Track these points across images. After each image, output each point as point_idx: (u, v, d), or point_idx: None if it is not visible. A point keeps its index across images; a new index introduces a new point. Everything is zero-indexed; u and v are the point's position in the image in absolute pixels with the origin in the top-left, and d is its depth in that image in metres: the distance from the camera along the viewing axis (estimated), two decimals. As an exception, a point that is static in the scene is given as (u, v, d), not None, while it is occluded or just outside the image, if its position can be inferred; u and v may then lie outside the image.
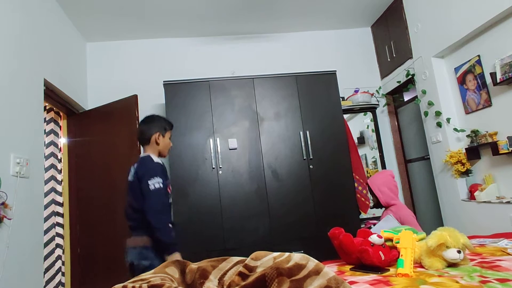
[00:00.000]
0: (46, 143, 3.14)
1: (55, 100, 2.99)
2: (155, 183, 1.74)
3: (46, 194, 3.04)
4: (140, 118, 3.08)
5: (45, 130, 3.12)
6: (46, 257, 2.93)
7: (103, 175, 3.15)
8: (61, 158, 3.32)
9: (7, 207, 1.96)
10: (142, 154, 1.96)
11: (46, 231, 2.95)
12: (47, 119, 3.21)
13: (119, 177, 3.03)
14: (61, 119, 3.39)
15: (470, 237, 1.82)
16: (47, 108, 3.18)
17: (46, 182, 3.05)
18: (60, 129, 3.36)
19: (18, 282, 2.03)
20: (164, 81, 3.07)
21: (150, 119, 1.99)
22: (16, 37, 2.30)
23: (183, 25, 3.64)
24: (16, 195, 2.05)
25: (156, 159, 1.90)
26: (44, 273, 2.84)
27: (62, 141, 3.36)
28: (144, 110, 3.41)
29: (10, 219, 1.97)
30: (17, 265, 2.04)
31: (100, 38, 3.70)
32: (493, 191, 2.66)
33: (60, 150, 3.31)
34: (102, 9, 3.19)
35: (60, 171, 3.27)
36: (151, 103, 3.60)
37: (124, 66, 3.74)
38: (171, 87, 3.05)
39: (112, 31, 3.59)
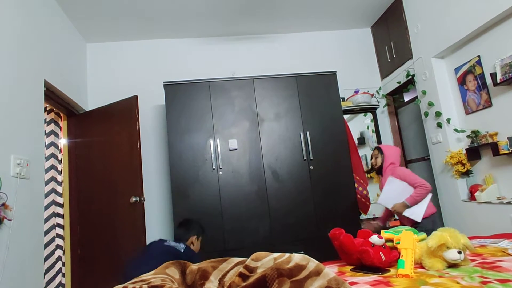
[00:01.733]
0: (46, 144, 3.14)
1: (56, 101, 2.99)
2: None
3: (47, 195, 3.04)
4: (141, 118, 3.11)
5: (45, 131, 3.11)
6: (46, 258, 2.93)
7: (103, 176, 3.15)
8: (61, 159, 3.31)
9: (8, 208, 1.96)
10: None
11: (46, 232, 2.94)
12: (47, 120, 3.21)
13: (119, 178, 3.04)
14: (61, 120, 3.39)
15: (470, 238, 1.81)
16: (47, 109, 3.18)
17: (47, 183, 3.05)
18: (61, 130, 3.36)
19: (19, 283, 2.03)
20: (164, 82, 3.07)
21: (187, 223, 2.32)
22: (17, 38, 2.30)
23: (183, 26, 3.64)
24: (17, 196, 2.05)
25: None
26: (45, 274, 2.84)
27: (62, 142, 3.36)
28: (144, 111, 3.43)
29: (10, 220, 1.97)
30: (18, 266, 2.03)
31: (100, 39, 3.71)
32: (494, 191, 2.66)
33: (60, 151, 3.31)
34: (102, 10, 3.19)
35: (60, 172, 3.27)
36: (151, 104, 3.61)
37: (124, 67, 3.74)
38: (171, 88, 3.05)
39: (112, 32, 3.60)
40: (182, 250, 2.05)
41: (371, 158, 2.75)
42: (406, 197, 2.40)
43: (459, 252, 1.35)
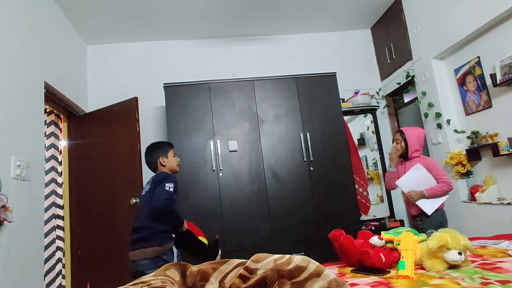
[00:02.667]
0: (46, 145, 3.14)
1: (56, 102, 2.99)
2: (170, 186, 1.93)
3: (47, 197, 3.04)
4: (141, 120, 3.12)
5: (45, 132, 3.11)
6: (46, 260, 2.92)
7: (104, 177, 3.15)
8: (61, 160, 3.31)
9: (8, 210, 1.96)
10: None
11: (46, 234, 2.94)
12: (47, 122, 3.21)
13: (119, 180, 3.04)
14: (61, 122, 3.39)
15: (471, 239, 1.81)
16: (47, 110, 3.18)
17: (47, 184, 3.05)
18: (61, 132, 3.36)
19: (19, 284, 2.03)
20: (164, 83, 3.07)
21: (150, 148, 2.18)
22: (18, 40, 2.30)
23: (183, 27, 3.65)
24: (17, 198, 2.05)
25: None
26: (45, 276, 2.84)
27: (63, 143, 3.36)
28: (144, 112, 3.42)
29: (10, 222, 1.97)
30: (18, 267, 2.03)
31: (100, 41, 3.71)
32: (494, 192, 2.66)
33: (60, 152, 3.31)
34: (102, 12, 3.20)
35: (60, 174, 3.27)
36: (151, 106, 3.61)
37: (125, 69, 3.74)
38: (171, 89, 3.05)
39: (112, 33, 3.60)
40: (148, 187, 2.02)
41: (393, 142, 2.60)
42: (426, 187, 2.37)
43: (460, 253, 1.35)
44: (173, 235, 2.05)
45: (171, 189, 1.92)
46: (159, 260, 1.87)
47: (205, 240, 2.13)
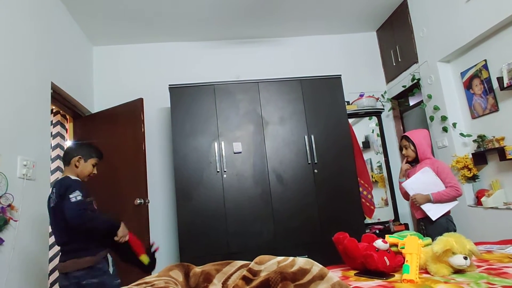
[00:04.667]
0: (52, 145, 3.17)
1: (62, 103, 3.02)
2: (76, 196, 1.75)
3: (52, 197, 3.06)
4: (146, 121, 3.13)
5: (51, 132, 3.14)
6: (51, 259, 2.94)
7: (108, 178, 3.15)
8: (67, 160, 3.34)
9: (14, 209, 1.98)
10: (60, 176, 1.96)
11: (51, 233, 2.96)
12: (53, 122, 3.24)
13: (124, 180, 3.06)
14: (67, 122, 3.42)
15: (476, 243, 1.79)
16: (53, 111, 3.21)
17: (52, 184, 3.07)
18: (66, 132, 3.39)
19: (23, 283, 2.04)
20: (169, 85, 3.09)
21: (78, 144, 2.05)
22: (25, 41, 2.33)
23: (188, 29, 3.67)
24: (23, 197, 2.07)
25: (73, 177, 1.91)
26: (49, 275, 2.85)
27: (68, 143, 3.39)
28: (149, 113, 3.44)
29: (16, 220, 1.99)
30: (23, 266, 2.05)
31: (106, 42, 3.74)
32: (500, 196, 2.63)
33: (66, 152, 3.34)
34: (108, 14, 3.23)
35: (66, 174, 3.29)
36: (156, 107, 3.63)
37: (130, 70, 3.77)
38: (176, 91, 3.07)
39: (118, 35, 3.63)
40: (54, 198, 1.82)
41: (401, 149, 2.56)
42: (433, 191, 2.30)
43: (465, 258, 1.34)
44: (108, 241, 1.88)
45: (79, 197, 1.74)
46: (95, 269, 1.79)
47: (146, 259, 1.96)
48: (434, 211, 2.30)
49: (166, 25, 3.55)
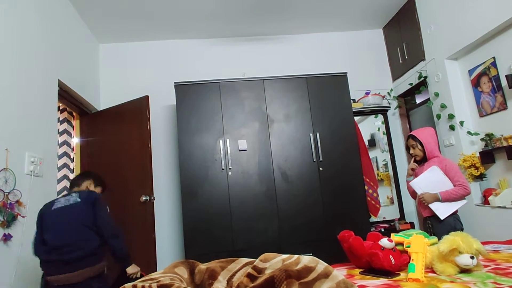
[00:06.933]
0: (59, 142, 3.20)
1: (69, 100, 3.04)
2: (108, 208, 1.94)
3: (59, 193, 3.09)
4: (152, 118, 3.14)
5: (58, 129, 3.17)
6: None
7: (114, 175, 3.18)
8: (73, 157, 3.37)
9: (21, 205, 2.00)
10: (77, 189, 2.07)
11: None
12: (60, 119, 3.27)
13: (130, 177, 3.08)
14: (74, 119, 3.44)
15: (484, 243, 1.78)
16: (60, 108, 3.24)
17: (59, 181, 3.10)
18: (73, 129, 3.42)
19: (31, 278, 2.07)
20: (175, 82, 3.10)
21: (87, 173, 2.22)
22: (32, 38, 2.35)
23: (194, 26, 3.67)
24: (30, 194, 2.10)
25: None
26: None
27: (75, 140, 3.42)
28: (155, 111, 3.46)
29: (24, 216, 2.01)
30: (31, 262, 2.07)
31: (112, 40, 3.76)
32: (508, 196, 2.60)
33: (72, 149, 3.37)
34: (114, 12, 3.24)
35: (72, 170, 3.33)
36: (162, 104, 3.64)
37: (136, 67, 3.78)
38: (182, 88, 3.07)
39: (124, 32, 3.64)
40: (71, 199, 1.87)
41: (408, 149, 2.53)
42: (441, 190, 2.26)
43: (472, 257, 1.32)
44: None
45: (109, 210, 1.91)
46: (103, 276, 1.82)
47: None
48: (442, 210, 2.27)
49: (172, 23, 3.55)
